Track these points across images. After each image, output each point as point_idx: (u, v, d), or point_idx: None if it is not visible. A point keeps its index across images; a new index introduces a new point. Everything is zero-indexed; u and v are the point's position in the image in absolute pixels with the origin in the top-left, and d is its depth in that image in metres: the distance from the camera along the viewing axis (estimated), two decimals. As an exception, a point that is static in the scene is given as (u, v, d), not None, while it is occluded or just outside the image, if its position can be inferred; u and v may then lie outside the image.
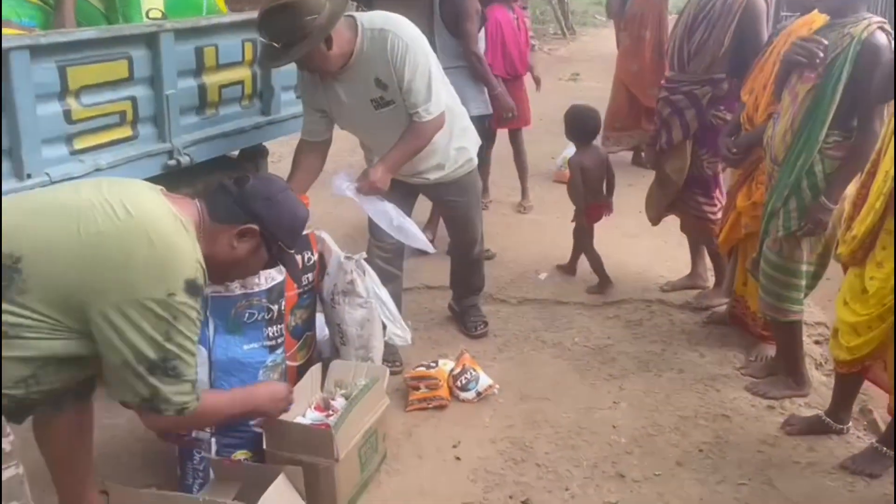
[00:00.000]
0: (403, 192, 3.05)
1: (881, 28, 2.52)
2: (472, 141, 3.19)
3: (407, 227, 2.86)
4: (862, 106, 2.51)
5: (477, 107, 3.97)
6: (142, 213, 1.64)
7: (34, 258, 1.55)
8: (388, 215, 2.82)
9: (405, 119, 2.79)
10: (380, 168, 2.79)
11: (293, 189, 2.74)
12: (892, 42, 2.50)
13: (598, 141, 4.04)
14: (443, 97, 2.83)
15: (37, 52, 2.13)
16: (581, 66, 10.81)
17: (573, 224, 4.06)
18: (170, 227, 1.65)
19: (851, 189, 2.55)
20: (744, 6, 3.25)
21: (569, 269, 4.13)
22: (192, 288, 1.63)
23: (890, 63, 2.37)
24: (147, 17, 2.67)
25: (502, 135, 4.94)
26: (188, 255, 1.65)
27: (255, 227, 1.82)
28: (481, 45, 4.21)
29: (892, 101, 2.39)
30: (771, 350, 3.18)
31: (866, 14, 2.58)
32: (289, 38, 2.49)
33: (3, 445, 1.52)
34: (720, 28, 3.29)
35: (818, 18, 2.85)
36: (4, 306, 1.52)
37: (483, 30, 4.23)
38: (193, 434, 2.20)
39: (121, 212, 1.61)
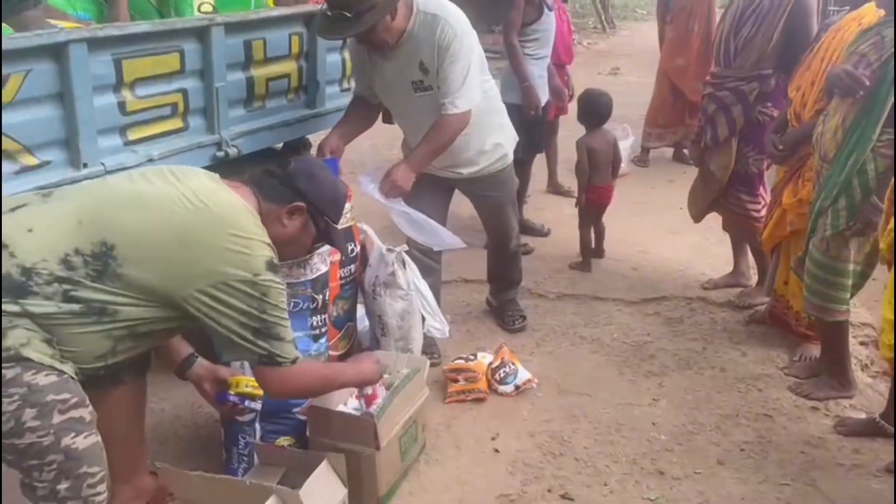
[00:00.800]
0: (438, 187, 3.08)
1: None
2: (509, 137, 3.20)
3: (431, 229, 2.87)
4: None
5: (512, 96, 3.97)
6: (217, 204, 1.73)
7: (126, 248, 1.64)
8: (410, 217, 2.83)
9: (439, 107, 2.80)
10: (402, 167, 2.81)
11: (337, 134, 2.90)
12: None
13: (609, 125, 4.15)
14: (475, 96, 2.83)
15: (94, 44, 2.19)
16: (621, 60, 10.70)
17: (577, 207, 4.16)
18: (243, 214, 1.75)
19: None
20: (795, 1, 3.19)
21: (583, 265, 4.11)
22: (272, 266, 1.74)
23: None
24: (198, 11, 2.71)
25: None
26: (262, 238, 1.75)
27: (303, 204, 1.90)
28: (550, 36, 4.21)
29: None
30: (815, 350, 3.13)
31: None
32: (359, 7, 2.55)
33: (84, 415, 1.63)
34: (769, 23, 3.24)
35: (868, 13, 2.79)
36: (98, 286, 1.62)
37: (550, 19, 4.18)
38: (241, 418, 2.25)
39: (198, 203, 1.71)
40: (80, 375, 1.65)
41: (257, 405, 2.12)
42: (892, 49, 2.47)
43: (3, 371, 1.51)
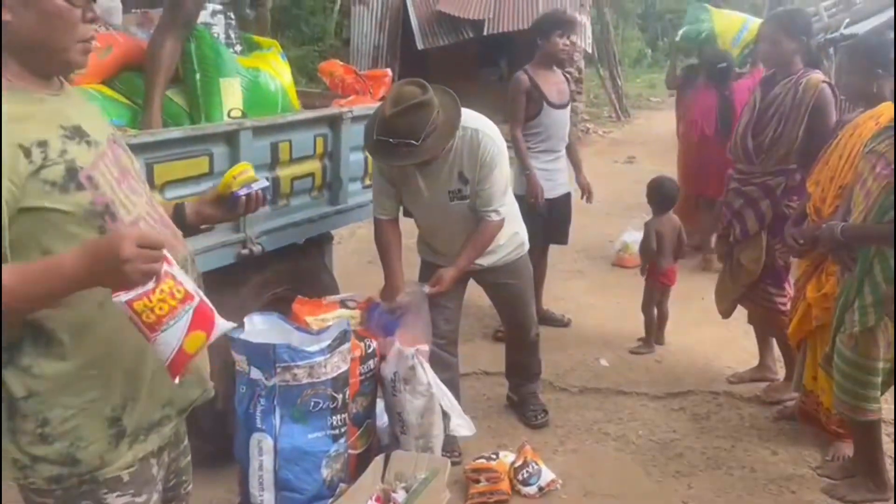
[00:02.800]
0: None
1: None
2: (522, 226, 3.28)
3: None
4: None
5: (518, 187, 4.02)
6: None
7: None
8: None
9: (470, 213, 2.93)
10: (451, 271, 2.95)
11: (394, 275, 2.94)
12: None
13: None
14: (510, 203, 3.01)
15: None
16: (636, 148, 10.87)
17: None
18: None
19: None
20: (815, 98, 3.24)
21: (645, 344, 4.23)
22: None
23: None
24: (228, 116, 2.81)
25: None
26: None
27: None
28: (553, 131, 4.22)
29: None
30: (848, 449, 3.03)
31: None
32: (425, 133, 2.67)
33: None
34: (793, 121, 3.27)
35: (885, 111, 2.83)
36: None
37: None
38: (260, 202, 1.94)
39: None
40: None
41: (263, 181, 1.92)
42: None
43: None
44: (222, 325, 1.40)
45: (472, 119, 2.89)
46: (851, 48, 3.15)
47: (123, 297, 1.27)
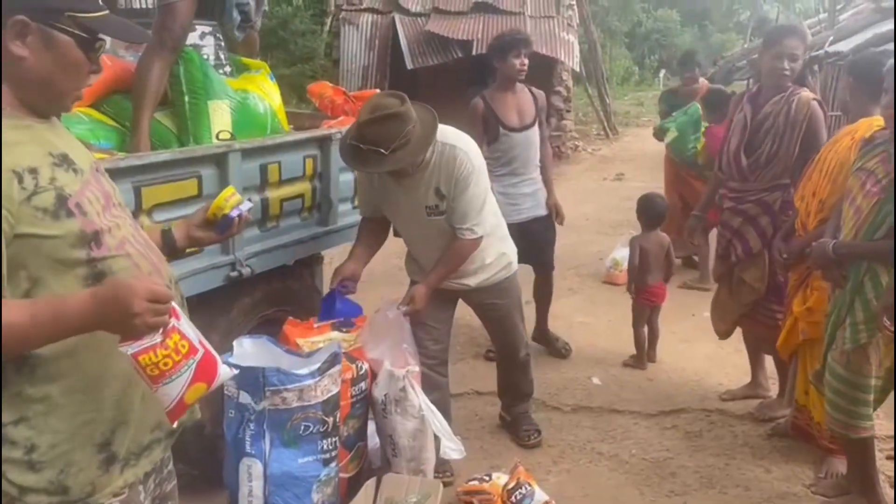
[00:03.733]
0: (444, 298, 3.11)
1: None
2: (511, 247, 3.26)
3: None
4: None
5: None
6: None
7: None
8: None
9: (449, 229, 2.92)
10: (422, 288, 2.94)
11: (353, 259, 2.94)
12: None
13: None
14: (487, 221, 2.98)
15: (115, 174, 2.23)
16: (625, 165, 10.94)
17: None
18: None
19: None
20: (809, 116, 3.25)
21: (637, 361, 4.20)
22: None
23: None
24: (217, 138, 2.80)
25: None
26: None
27: (21, 16, 1.36)
28: (513, 155, 4.11)
29: None
30: (841, 465, 3.02)
31: None
32: (396, 145, 2.66)
33: None
34: (789, 139, 3.28)
35: (861, 127, 2.87)
36: None
37: None
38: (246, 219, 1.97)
39: None
40: None
41: (248, 202, 1.96)
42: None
43: None
44: (224, 373, 1.46)
45: (451, 136, 2.88)
46: (855, 67, 3.14)
47: (129, 349, 1.32)
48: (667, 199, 5.85)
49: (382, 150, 2.66)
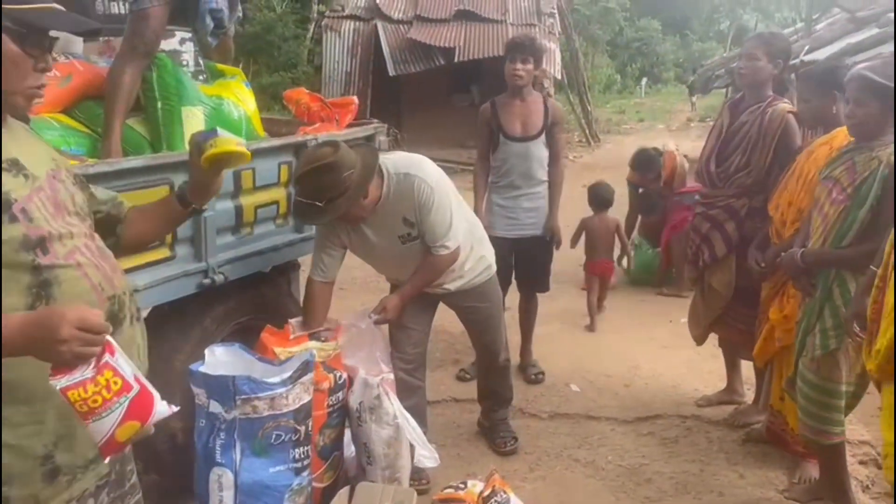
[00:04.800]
0: (424, 303, 3.10)
1: None
2: (490, 249, 3.25)
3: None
4: (881, 223, 2.48)
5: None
6: None
7: None
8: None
9: (426, 250, 2.93)
10: (395, 298, 2.95)
11: (310, 324, 2.86)
12: None
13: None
14: (460, 233, 2.97)
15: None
16: (606, 172, 10.94)
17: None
18: None
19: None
20: (782, 129, 3.26)
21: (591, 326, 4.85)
22: None
23: None
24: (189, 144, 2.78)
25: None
26: None
27: None
28: (512, 165, 3.99)
29: None
30: (814, 471, 3.04)
31: (891, 137, 2.60)
32: (331, 195, 2.65)
33: None
34: (761, 149, 3.29)
35: (838, 136, 2.89)
36: None
37: None
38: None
39: None
40: None
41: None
42: (865, 175, 2.54)
43: None
44: (161, 411, 1.39)
45: (402, 164, 2.86)
46: (808, 73, 3.20)
47: (59, 383, 1.27)
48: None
49: (318, 203, 2.65)
